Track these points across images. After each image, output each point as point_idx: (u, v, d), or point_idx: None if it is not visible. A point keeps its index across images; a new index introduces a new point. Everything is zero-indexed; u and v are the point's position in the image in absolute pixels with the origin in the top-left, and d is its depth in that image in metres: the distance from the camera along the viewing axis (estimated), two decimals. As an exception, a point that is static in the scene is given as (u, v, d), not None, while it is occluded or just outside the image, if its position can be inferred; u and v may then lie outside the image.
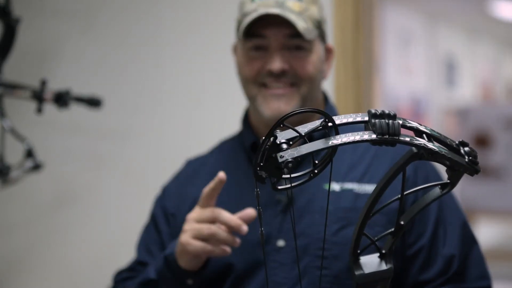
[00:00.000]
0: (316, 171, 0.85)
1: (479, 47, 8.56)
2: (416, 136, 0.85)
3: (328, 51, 1.46)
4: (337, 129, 0.83)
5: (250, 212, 1.29)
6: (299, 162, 0.81)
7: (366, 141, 0.81)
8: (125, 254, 1.80)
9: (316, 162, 0.85)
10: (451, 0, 6.98)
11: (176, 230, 1.44)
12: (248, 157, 1.44)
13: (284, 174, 0.83)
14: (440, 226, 1.34)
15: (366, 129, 0.83)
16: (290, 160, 0.80)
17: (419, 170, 1.36)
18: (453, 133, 5.84)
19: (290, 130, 0.83)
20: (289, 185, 0.85)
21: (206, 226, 1.27)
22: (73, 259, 2.38)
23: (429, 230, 1.33)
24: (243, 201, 1.40)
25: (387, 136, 0.82)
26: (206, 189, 1.30)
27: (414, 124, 0.85)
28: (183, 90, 2.29)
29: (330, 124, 0.83)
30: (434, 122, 7.13)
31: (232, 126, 1.72)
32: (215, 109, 2.25)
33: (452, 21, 7.78)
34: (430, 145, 0.83)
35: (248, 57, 1.39)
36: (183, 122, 2.29)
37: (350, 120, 0.84)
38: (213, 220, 1.28)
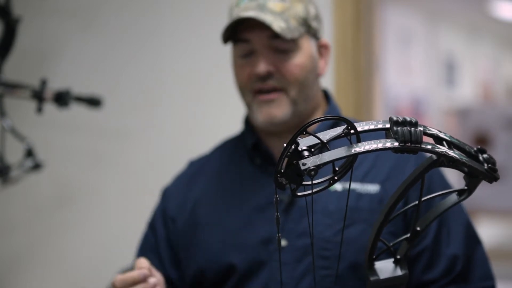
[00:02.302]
0: (336, 177, 0.85)
1: (479, 47, 8.55)
2: (436, 143, 0.84)
3: (323, 47, 1.44)
4: (359, 137, 0.83)
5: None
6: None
7: (389, 149, 0.81)
8: (125, 254, 1.80)
9: (336, 168, 0.85)
10: (452, 0, 6.98)
11: (176, 235, 1.44)
12: (249, 157, 1.44)
13: (305, 181, 0.83)
14: (444, 227, 1.34)
15: (387, 136, 0.83)
16: (312, 168, 0.80)
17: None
18: (453, 133, 5.82)
19: (310, 137, 0.82)
20: (309, 192, 0.84)
21: None
22: (73, 259, 2.38)
23: (432, 231, 1.33)
24: (243, 201, 1.40)
25: (409, 144, 0.81)
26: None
27: (434, 131, 0.85)
28: (183, 90, 2.29)
29: (352, 131, 0.83)
30: (434, 122, 7.12)
31: (232, 125, 1.72)
32: (215, 108, 2.25)
33: (452, 21, 7.77)
34: (451, 152, 0.83)
35: (238, 64, 1.40)
36: (183, 122, 2.29)
37: (372, 127, 0.84)
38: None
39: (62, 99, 1.94)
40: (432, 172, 1.37)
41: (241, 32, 1.37)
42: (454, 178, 1.52)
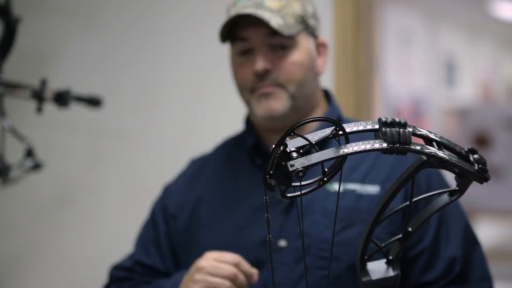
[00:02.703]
0: (325, 178, 0.85)
1: (479, 47, 8.55)
2: (425, 144, 0.84)
3: (321, 46, 1.45)
4: (347, 138, 0.83)
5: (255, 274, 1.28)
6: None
7: (377, 150, 0.81)
8: (125, 254, 1.80)
9: (326, 169, 0.85)
10: (452, 0, 6.98)
11: (177, 231, 1.44)
12: (250, 157, 1.45)
13: (294, 182, 0.83)
14: (442, 228, 1.34)
15: (376, 137, 0.83)
16: (300, 169, 0.80)
17: (421, 172, 1.36)
18: (453, 133, 5.83)
19: (299, 138, 0.82)
20: (298, 193, 0.85)
21: (220, 281, 1.25)
22: (73, 259, 2.38)
23: (431, 232, 1.33)
24: (243, 200, 1.41)
25: (398, 145, 0.81)
26: (244, 268, 1.27)
27: (424, 132, 0.85)
28: (183, 89, 2.29)
29: (340, 132, 0.83)
30: (434, 122, 7.12)
31: (232, 125, 1.72)
32: (215, 108, 2.25)
33: (452, 21, 7.77)
34: (440, 153, 0.83)
35: (236, 63, 1.40)
36: (183, 121, 2.29)
37: (361, 128, 0.84)
38: (233, 276, 1.25)
39: (62, 99, 1.94)
40: (431, 172, 1.37)
41: (238, 30, 1.37)
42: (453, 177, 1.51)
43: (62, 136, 2.37)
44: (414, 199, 0.91)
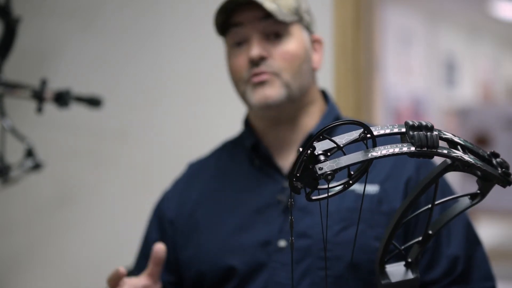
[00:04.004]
0: (351, 181, 0.85)
1: (479, 47, 8.56)
2: (450, 147, 0.85)
3: (316, 42, 1.45)
4: (375, 141, 0.83)
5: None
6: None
7: (405, 153, 0.81)
8: (125, 254, 1.80)
9: (352, 172, 0.85)
10: (452, 0, 6.98)
11: (174, 237, 1.43)
12: (249, 158, 1.44)
13: (320, 185, 0.83)
14: (444, 227, 1.33)
15: (403, 140, 0.83)
16: (329, 172, 0.80)
17: (422, 169, 1.36)
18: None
19: (326, 141, 0.82)
20: (324, 195, 0.84)
21: None
22: (73, 259, 2.38)
23: (432, 231, 1.33)
24: (242, 202, 1.40)
25: (425, 149, 0.82)
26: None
27: (449, 135, 0.86)
28: (184, 89, 2.29)
29: (368, 135, 0.83)
30: (434, 122, 7.11)
31: (232, 125, 1.72)
32: (215, 109, 2.25)
33: (452, 21, 7.78)
34: (466, 157, 0.84)
35: (231, 54, 1.40)
36: (184, 122, 2.29)
37: (388, 131, 0.84)
38: None
39: (62, 99, 1.94)
40: (430, 169, 1.37)
41: (232, 18, 1.38)
42: (455, 180, 1.52)
43: (62, 136, 2.37)
44: (436, 203, 0.91)
